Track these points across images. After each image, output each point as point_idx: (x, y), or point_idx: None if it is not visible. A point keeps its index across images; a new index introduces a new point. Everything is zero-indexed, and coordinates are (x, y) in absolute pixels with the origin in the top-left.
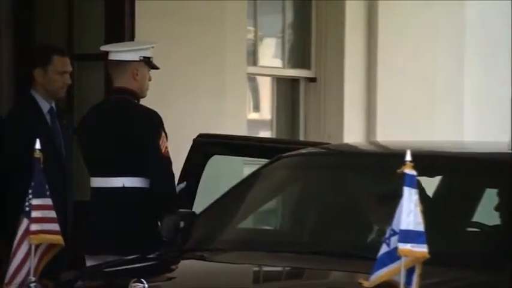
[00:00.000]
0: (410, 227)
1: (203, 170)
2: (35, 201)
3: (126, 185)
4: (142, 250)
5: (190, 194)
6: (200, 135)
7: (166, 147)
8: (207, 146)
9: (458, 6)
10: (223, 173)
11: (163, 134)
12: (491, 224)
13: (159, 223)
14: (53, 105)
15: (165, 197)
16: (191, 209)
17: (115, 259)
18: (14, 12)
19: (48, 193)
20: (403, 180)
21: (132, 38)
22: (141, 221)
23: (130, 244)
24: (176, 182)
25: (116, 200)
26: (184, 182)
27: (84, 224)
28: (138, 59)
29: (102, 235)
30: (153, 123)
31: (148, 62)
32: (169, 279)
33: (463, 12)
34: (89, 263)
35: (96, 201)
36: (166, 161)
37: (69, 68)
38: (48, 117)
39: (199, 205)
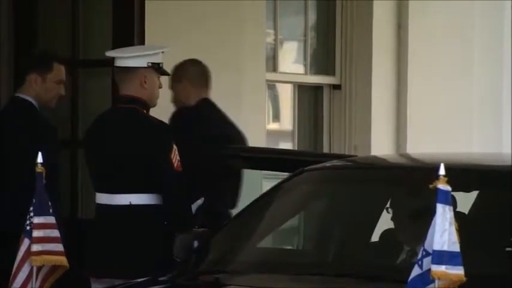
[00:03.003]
0: (445, 248)
1: None
2: (37, 220)
3: (133, 203)
4: (152, 273)
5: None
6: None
7: (178, 161)
8: (227, 159)
9: (495, 4)
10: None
11: (174, 147)
12: None
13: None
14: None
15: (179, 214)
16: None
17: (122, 283)
18: (14, 14)
19: (51, 210)
20: (436, 196)
21: (142, 42)
22: (150, 241)
23: (137, 266)
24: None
25: (122, 219)
26: (202, 198)
27: (88, 244)
28: (146, 65)
29: (107, 257)
30: (164, 136)
31: (157, 68)
32: None
33: (502, 9)
34: (94, 286)
35: (101, 219)
36: (179, 176)
37: (64, 77)
38: None
39: None
